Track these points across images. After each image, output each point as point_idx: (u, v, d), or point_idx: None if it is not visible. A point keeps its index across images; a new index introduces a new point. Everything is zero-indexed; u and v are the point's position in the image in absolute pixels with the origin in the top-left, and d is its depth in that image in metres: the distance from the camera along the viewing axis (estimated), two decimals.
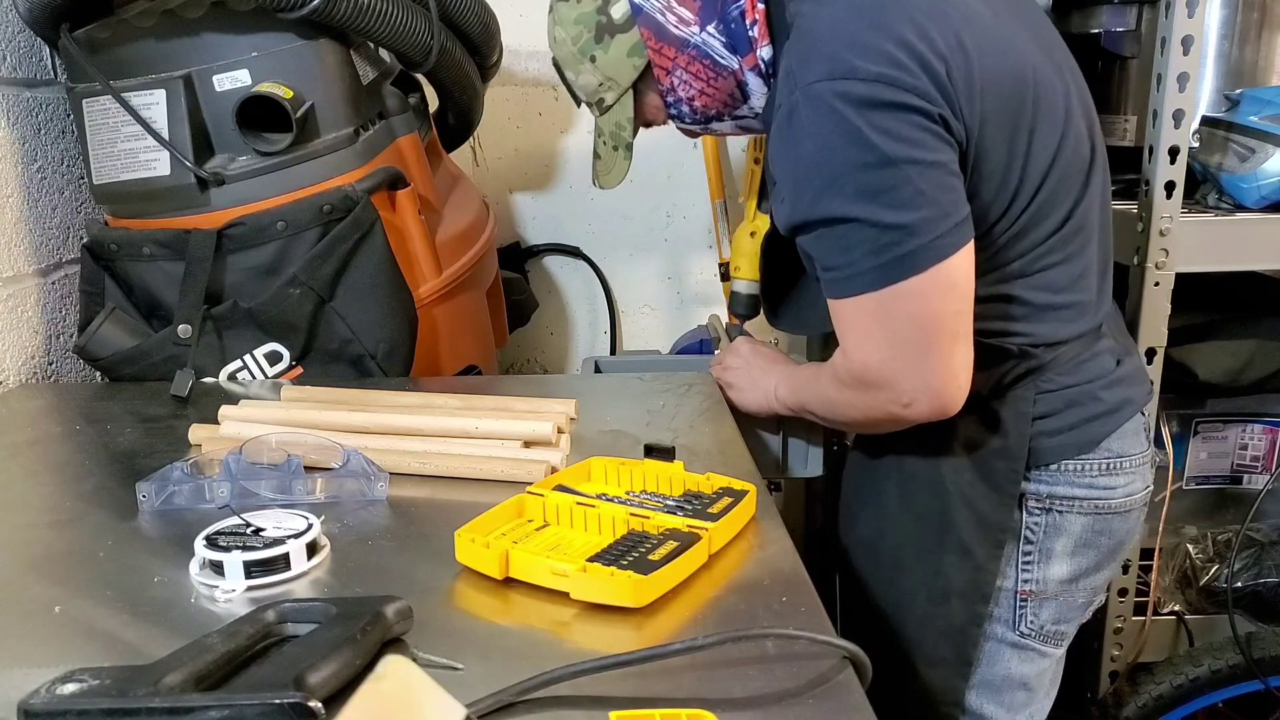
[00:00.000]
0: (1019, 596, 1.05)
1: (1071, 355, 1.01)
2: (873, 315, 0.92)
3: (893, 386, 0.93)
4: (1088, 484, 1.02)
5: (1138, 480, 1.05)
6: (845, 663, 0.59)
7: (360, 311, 1.17)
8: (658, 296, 1.99)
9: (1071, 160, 0.97)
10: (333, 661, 0.54)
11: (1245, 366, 1.42)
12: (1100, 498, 1.02)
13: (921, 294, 0.89)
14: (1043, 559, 1.04)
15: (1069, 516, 1.03)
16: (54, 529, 0.80)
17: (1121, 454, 1.03)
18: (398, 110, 1.30)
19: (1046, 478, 1.02)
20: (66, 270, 1.33)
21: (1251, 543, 1.51)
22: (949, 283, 0.90)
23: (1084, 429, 1.01)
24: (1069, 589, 1.05)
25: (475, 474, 0.88)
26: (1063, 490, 1.02)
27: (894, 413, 0.95)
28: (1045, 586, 1.04)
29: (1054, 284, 0.99)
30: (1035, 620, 1.06)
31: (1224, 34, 1.42)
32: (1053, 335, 0.99)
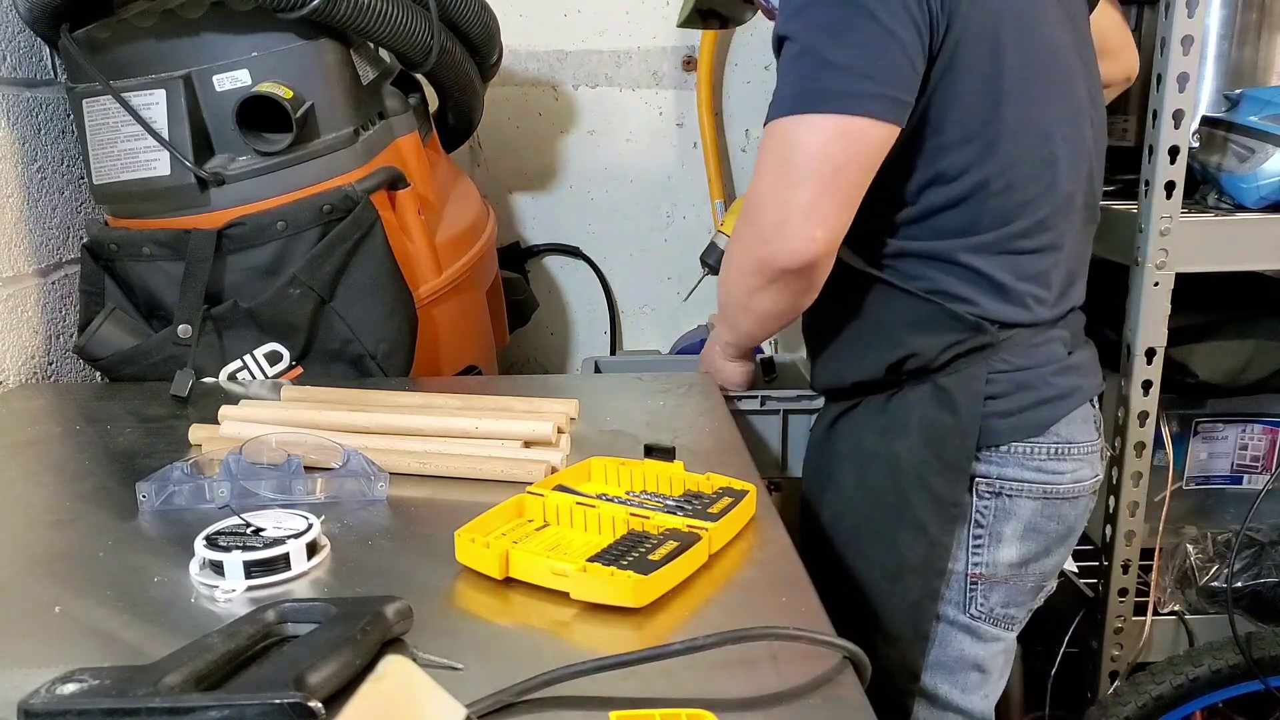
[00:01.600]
0: (969, 579, 1.08)
1: (1023, 340, 1.04)
2: (776, 143, 0.96)
3: (762, 213, 0.97)
4: (1036, 468, 1.04)
5: (1085, 468, 1.08)
6: (845, 663, 0.59)
7: (360, 311, 1.17)
8: (658, 296, 1.99)
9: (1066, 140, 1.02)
10: (333, 661, 0.54)
11: (1245, 366, 1.42)
12: (1049, 482, 1.05)
13: (820, 133, 0.93)
14: (992, 542, 1.07)
15: (1018, 500, 1.05)
16: (54, 529, 0.80)
17: (1070, 440, 1.05)
18: (398, 110, 1.30)
19: (996, 459, 1.05)
20: (66, 270, 1.33)
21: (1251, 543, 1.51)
22: (851, 138, 0.93)
23: (1033, 412, 1.04)
24: (1018, 573, 1.08)
25: (475, 474, 0.88)
26: (1012, 473, 1.05)
27: (758, 253, 0.98)
28: (995, 570, 1.07)
29: (1020, 269, 1.03)
30: (985, 603, 1.08)
31: (1224, 34, 1.42)
32: (1007, 316, 1.03)
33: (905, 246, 1.04)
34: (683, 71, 1.86)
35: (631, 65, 1.86)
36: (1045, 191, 1.02)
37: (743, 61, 1.87)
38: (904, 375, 1.06)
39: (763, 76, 1.87)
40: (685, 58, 1.86)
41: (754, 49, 1.86)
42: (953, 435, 1.03)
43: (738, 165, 1.91)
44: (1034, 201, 1.02)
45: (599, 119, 1.89)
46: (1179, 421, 1.51)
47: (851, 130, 0.93)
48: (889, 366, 1.06)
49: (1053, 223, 1.03)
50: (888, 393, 1.09)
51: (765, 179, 0.98)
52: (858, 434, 1.11)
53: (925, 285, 1.03)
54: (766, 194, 0.98)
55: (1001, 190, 0.99)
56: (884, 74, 0.93)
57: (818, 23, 0.94)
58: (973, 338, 1.03)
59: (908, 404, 1.06)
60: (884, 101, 0.93)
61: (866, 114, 0.93)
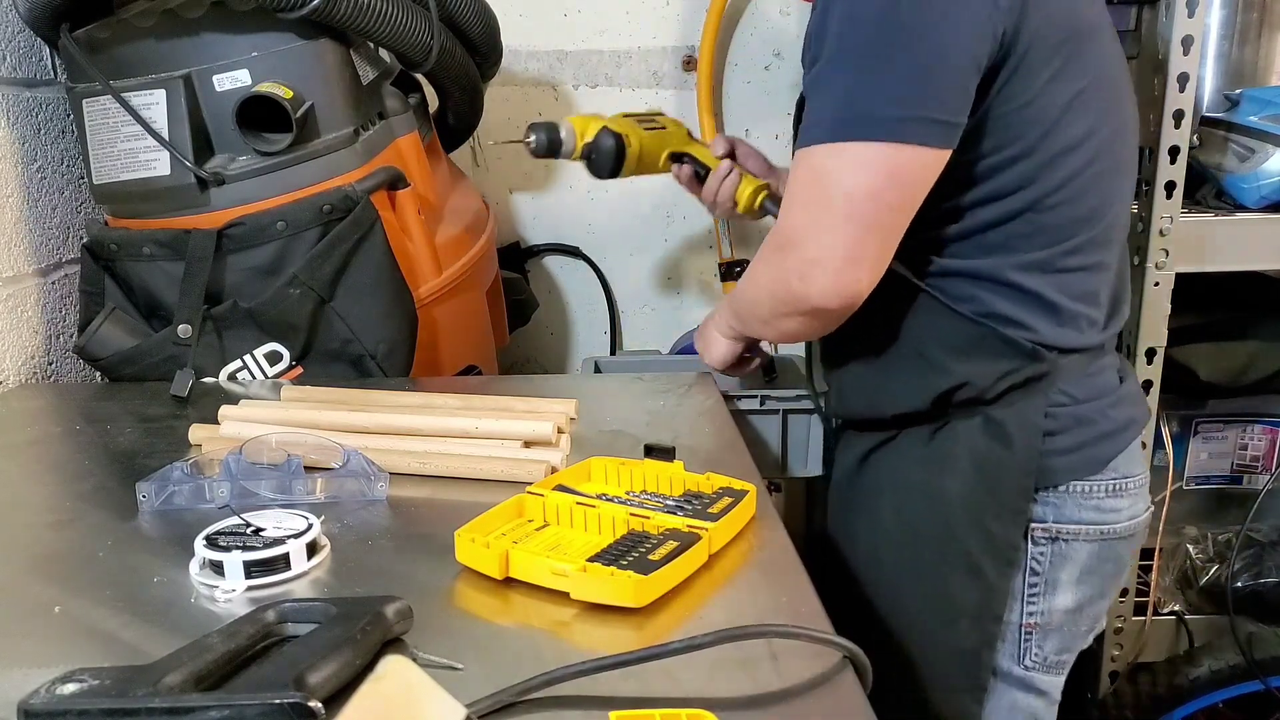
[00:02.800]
0: (1024, 629, 1.02)
1: (1079, 367, 0.98)
2: (812, 173, 0.89)
3: (798, 249, 0.90)
4: (1094, 507, 0.99)
5: (1140, 502, 1.03)
6: (845, 662, 0.59)
7: (360, 311, 1.17)
8: (658, 296, 1.99)
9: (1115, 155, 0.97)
10: (333, 661, 0.54)
11: (1245, 367, 1.42)
12: (1106, 522, 0.99)
13: (866, 169, 0.86)
14: (1048, 590, 1.01)
15: (1075, 544, 0.99)
16: (54, 529, 0.80)
17: (1127, 474, 1.00)
18: (398, 110, 1.30)
19: (1054, 500, 0.98)
20: (66, 270, 1.33)
21: (1252, 543, 1.51)
22: (900, 173, 0.87)
23: (1094, 448, 0.98)
24: (1074, 618, 1.02)
25: (475, 474, 0.88)
26: (1070, 514, 0.99)
27: (793, 287, 0.91)
28: (1050, 618, 1.02)
29: (1072, 289, 0.97)
30: (1040, 652, 1.03)
31: (1224, 34, 1.43)
32: (1063, 340, 0.97)
33: (950, 265, 0.97)
34: (683, 71, 1.86)
35: (631, 65, 1.86)
36: (1099, 207, 0.96)
37: (743, 61, 1.87)
38: (952, 407, 0.99)
39: (763, 76, 1.87)
40: (685, 58, 1.85)
41: (754, 49, 1.86)
42: (1009, 473, 0.97)
43: None
44: (1088, 218, 0.96)
45: None
46: (1179, 422, 1.51)
47: (900, 163, 0.86)
48: (936, 398, 0.99)
49: (1103, 239, 0.98)
50: (932, 426, 1.01)
51: (800, 213, 0.91)
52: (897, 466, 1.03)
53: (974, 307, 0.96)
54: (804, 230, 0.90)
55: (1057, 205, 0.93)
56: (936, 95, 0.85)
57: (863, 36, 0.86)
58: (1028, 366, 0.96)
59: (956, 437, 0.99)
60: (936, 126, 0.86)
61: (918, 140, 0.85)
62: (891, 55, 0.85)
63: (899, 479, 1.03)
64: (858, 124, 0.86)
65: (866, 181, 0.87)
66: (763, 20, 1.85)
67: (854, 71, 0.87)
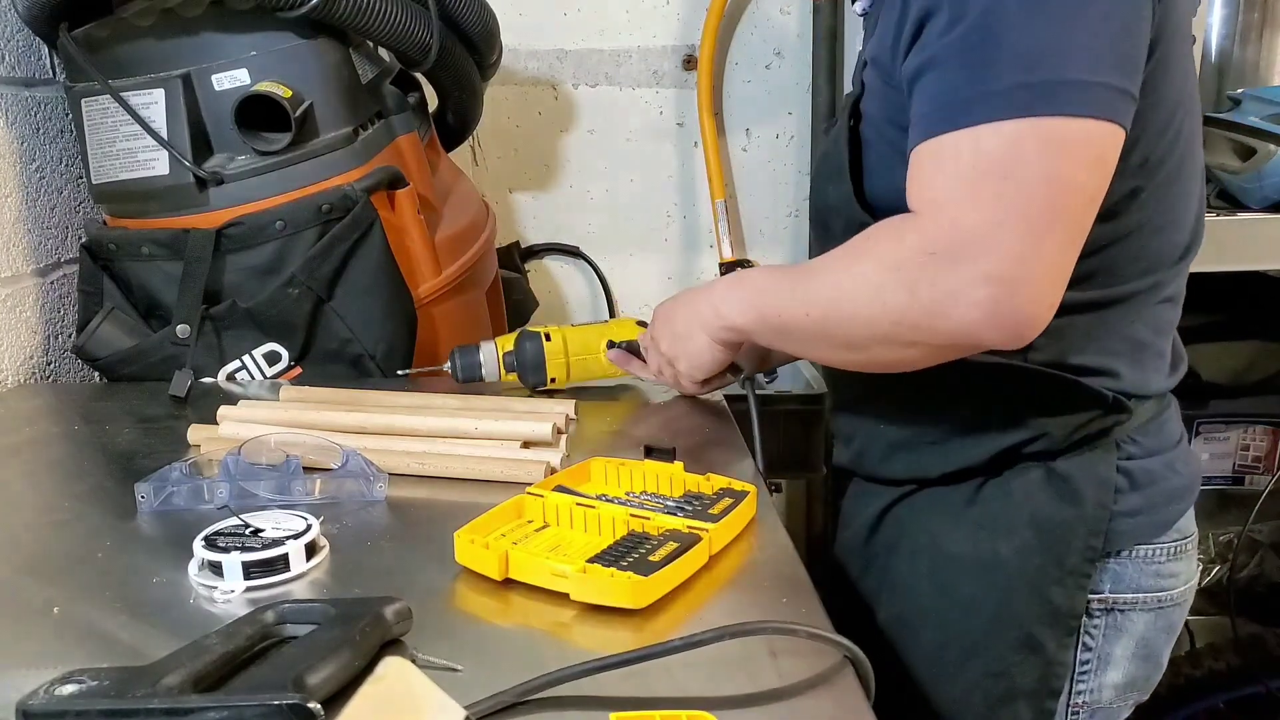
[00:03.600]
0: (1071, 709, 0.91)
1: (1152, 415, 0.87)
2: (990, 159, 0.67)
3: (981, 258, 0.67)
4: (1154, 573, 0.88)
5: (1193, 563, 0.92)
6: (845, 663, 0.59)
7: (359, 311, 1.17)
8: (658, 296, 1.98)
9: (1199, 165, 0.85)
10: (332, 663, 0.53)
11: (1247, 367, 1.42)
12: (1165, 589, 0.89)
13: (1060, 147, 0.66)
14: (1101, 666, 0.90)
15: (1131, 615, 0.89)
16: (52, 529, 0.79)
17: (1187, 534, 0.90)
18: (397, 109, 1.30)
19: (1114, 566, 0.87)
20: (65, 270, 1.32)
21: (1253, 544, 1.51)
22: (1099, 154, 0.68)
23: (1164, 509, 0.88)
24: (1124, 694, 0.92)
25: (474, 475, 0.88)
26: (1129, 582, 0.87)
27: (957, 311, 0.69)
28: (1100, 695, 0.91)
29: (1163, 323, 0.85)
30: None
31: (1225, 34, 1.42)
32: (1145, 386, 0.85)
33: None
34: (683, 71, 1.86)
35: (631, 65, 1.86)
36: (1193, 228, 0.85)
37: (743, 61, 1.87)
38: (1015, 461, 0.87)
39: (763, 75, 1.87)
40: (685, 57, 1.85)
41: (755, 48, 1.86)
42: (1076, 535, 0.84)
43: (738, 165, 1.91)
44: (1181, 244, 0.84)
45: (599, 118, 1.89)
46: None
47: (1100, 143, 0.68)
48: (999, 453, 0.86)
49: (1185, 267, 0.87)
50: (977, 480, 0.88)
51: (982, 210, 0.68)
52: (931, 530, 0.90)
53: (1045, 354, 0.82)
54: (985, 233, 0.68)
55: (1161, 229, 0.80)
56: (1129, 61, 0.69)
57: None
58: (1105, 417, 0.84)
59: (1010, 495, 0.86)
60: (1127, 100, 0.69)
61: (1117, 116, 0.68)
62: (1083, 5, 0.67)
63: (935, 545, 0.90)
64: (1054, 96, 0.67)
65: (1068, 170, 0.67)
66: (763, 19, 1.85)
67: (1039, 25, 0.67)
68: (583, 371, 1.10)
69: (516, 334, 1.10)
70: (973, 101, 0.69)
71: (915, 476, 0.92)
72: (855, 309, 0.76)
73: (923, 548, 0.91)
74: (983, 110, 0.68)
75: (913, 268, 0.71)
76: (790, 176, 1.91)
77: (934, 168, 0.71)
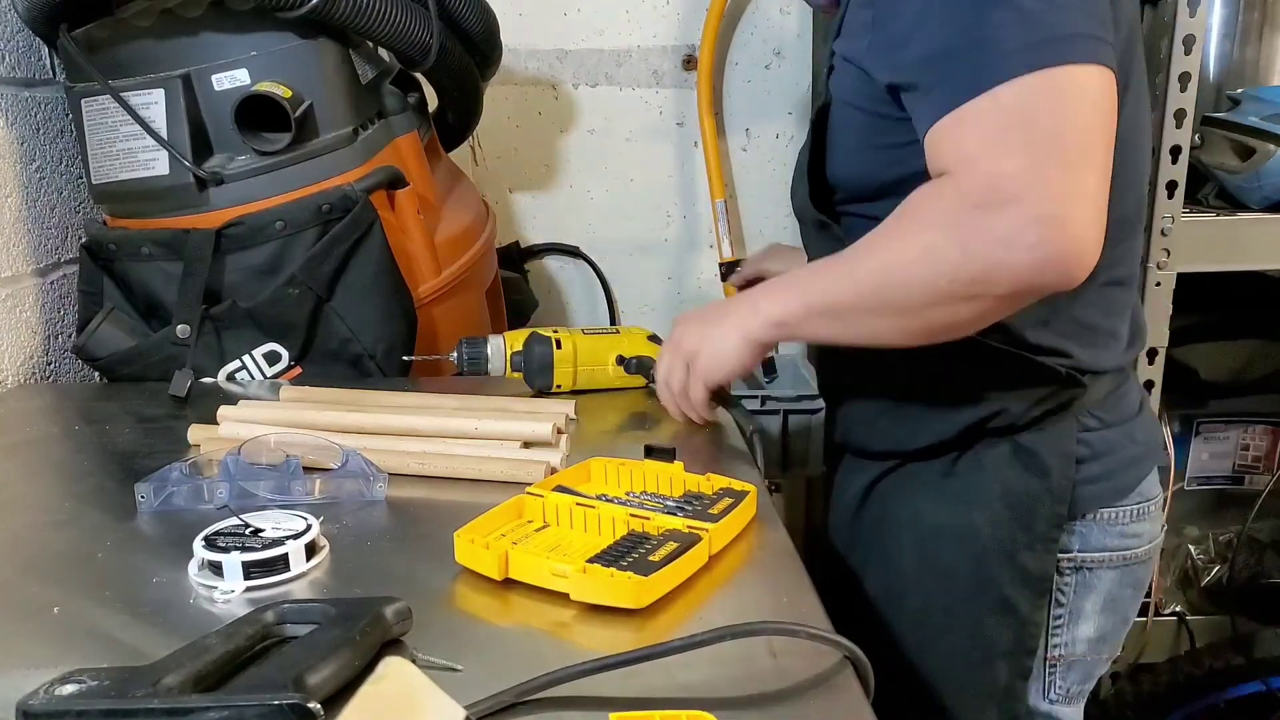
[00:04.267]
0: (1048, 662, 0.98)
1: (1109, 389, 0.93)
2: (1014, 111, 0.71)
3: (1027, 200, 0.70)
4: (1119, 533, 0.95)
5: (1158, 523, 0.99)
6: (845, 663, 0.59)
7: (359, 311, 1.17)
8: (658, 296, 1.99)
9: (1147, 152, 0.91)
10: (332, 662, 0.54)
11: (1247, 367, 1.42)
12: (1129, 547, 0.95)
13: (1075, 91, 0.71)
14: (1072, 621, 0.97)
15: (1099, 573, 0.95)
16: (52, 529, 0.79)
17: (1149, 497, 0.96)
18: (397, 109, 1.30)
19: (1080, 529, 0.93)
20: (65, 270, 1.32)
21: (1253, 543, 1.51)
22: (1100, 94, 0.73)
23: (1122, 475, 0.94)
24: (1096, 647, 0.99)
25: (474, 475, 0.88)
26: (1095, 542, 0.94)
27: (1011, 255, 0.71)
28: (1074, 649, 0.98)
29: (1113, 305, 0.91)
30: (1063, 684, 1.00)
31: (1225, 33, 1.42)
32: (1097, 362, 0.91)
33: None
34: (683, 71, 1.86)
35: (631, 65, 1.86)
36: (1138, 209, 0.91)
37: (743, 61, 1.87)
38: (982, 435, 0.93)
39: (763, 76, 1.87)
40: (685, 57, 1.85)
41: (754, 49, 1.86)
42: (1042, 504, 0.91)
43: (738, 165, 1.91)
44: (1131, 222, 0.89)
45: (599, 118, 1.89)
46: (1181, 422, 1.51)
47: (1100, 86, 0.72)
48: (966, 428, 0.92)
49: (1137, 246, 0.92)
50: (952, 455, 0.95)
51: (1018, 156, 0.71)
52: (913, 503, 0.96)
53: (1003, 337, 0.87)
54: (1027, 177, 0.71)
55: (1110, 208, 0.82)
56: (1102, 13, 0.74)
57: None
58: (1062, 393, 0.90)
59: (982, 469, 0.92)
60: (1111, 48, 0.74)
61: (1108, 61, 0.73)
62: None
63: (917, 517, 0.96)
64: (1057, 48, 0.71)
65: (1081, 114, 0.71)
66: (763, 19, 1.85)
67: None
68: (589, 381, 1.10)
69: (527, 334, 1.10)
70: (984, 68, 0.73)
71: (893, 450, 0.98)
72: (908, 274, 0.77)
73: (906, 520, 0.97)
74: (995, 73, 0.72)
75: (960, 223, 0.73)
76: (790, 176, 1.91)
77: (959, 132, 0.74)
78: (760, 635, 0.60)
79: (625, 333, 1.13)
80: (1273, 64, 1.44)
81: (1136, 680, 1.47)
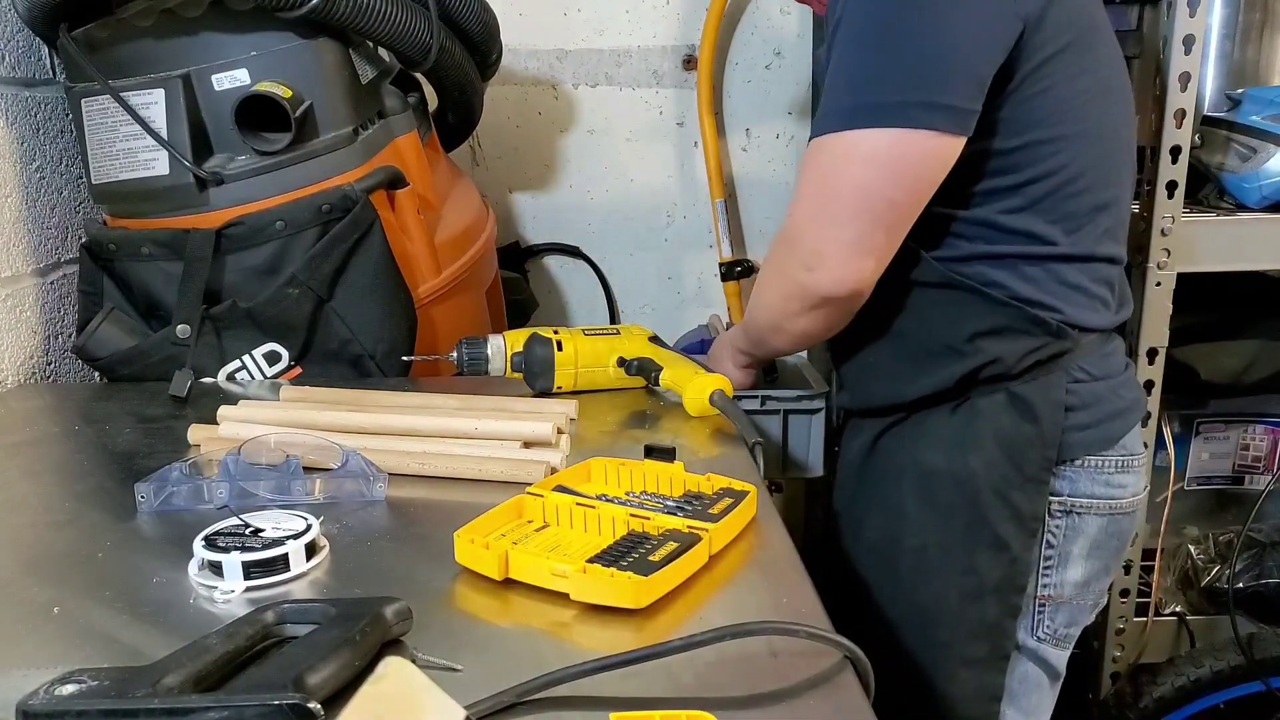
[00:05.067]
0: (1037, 601, 1.04)
1: (1095, 348, 1.01)
2: (820, 166, 0.91)
3: (804, 241, 0.93)
4: (1104, 482, 1.02)
5: (1142, 480, 1.07)
6: (845, 662, 0.59)
7: (359, 311, 1.17)
8: (658, 296, 1.99)
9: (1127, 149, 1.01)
10: (332, 662, 0.53)
11: (1247, 367, 1.42)
12: (1115, 497, 1.02)
13: (871, 157, 0.87)
14: (1061, 563, 1.03)
15: (1086, 518, 1.02)
16: (52, 529, 0.79)
17: (1133, 452, 1.04)
18: (397, 109, 1.30)
19: (1070, 474, 1.01)
20: (65, 270, 1.32)
21: (1253, 543, 1.51)
22: (904, 158, 0.87)
23: (1108, 425, 1.01)
24: (1082, 591, 1.05)
25: (475, 475, 0.88)
26: (1084, 488, 1.01)
27: (799, 279, 0.94)
28: (1062, 590, 1.04)
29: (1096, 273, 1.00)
30: (1051, 624, 1.06)
31: (1225, 33, 1.43)
32: (1085, 320, 0.99)
33: (978, 250, 0.98)
34: (683, 71, 1.86)
35: (631, 65, 1.86)
36: (1119, 196, 1.00)
37: (743, 61, 1.87)
38: (977, 384, 1.01)
39: (763, 76, 1.87)
40: (685, 57, 1.85)
41: (754, 49, 1.86)
42: (1033, 447, 0.99)
43: (738, 165, 1.91)
44: (1108, 206, 0.99)
45: (599, 119, 1.89)
46: (1181, 422, 1.51)
47: (909, 150, 0.87)
48: (962, 376, 1.00)
49: (1118, 232, 1.02)
50: (951, 404, 1.03)
51: (806, 205, 0.93)
52: (914, 451, 1.04)
53: (1003, 291, 0.98)
54: (810, 224, 0.93)
55: (1080, 192, 0.96)
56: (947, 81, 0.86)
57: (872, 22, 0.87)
58: (1054, 343, 0.98)
59: (978, 415, 1.00)
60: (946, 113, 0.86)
61: (926, 126, 0.86)
62: (900, 42, 0.86)
63: (918, 461, 1.04)
64: (865, 112, 0.87)
65: (874, 174, 0.88)
66: (763, 19, 1.85)
67: (861, 58, 0.88)
68: (589, 382, 1.11)
69: (528, 335, 1.10)
70: (821, 117, 0.91)
71: (895, 403, 1.06)
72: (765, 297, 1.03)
73: (907, 467, 1.05)
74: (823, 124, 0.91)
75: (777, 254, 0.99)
76: (790, 176, 1.91)
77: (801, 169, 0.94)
78: (760, 635, 0.60)
79: (626, 333, 1.13)
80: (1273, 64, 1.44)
81: (1136, 680, 1.47)
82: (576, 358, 1.09)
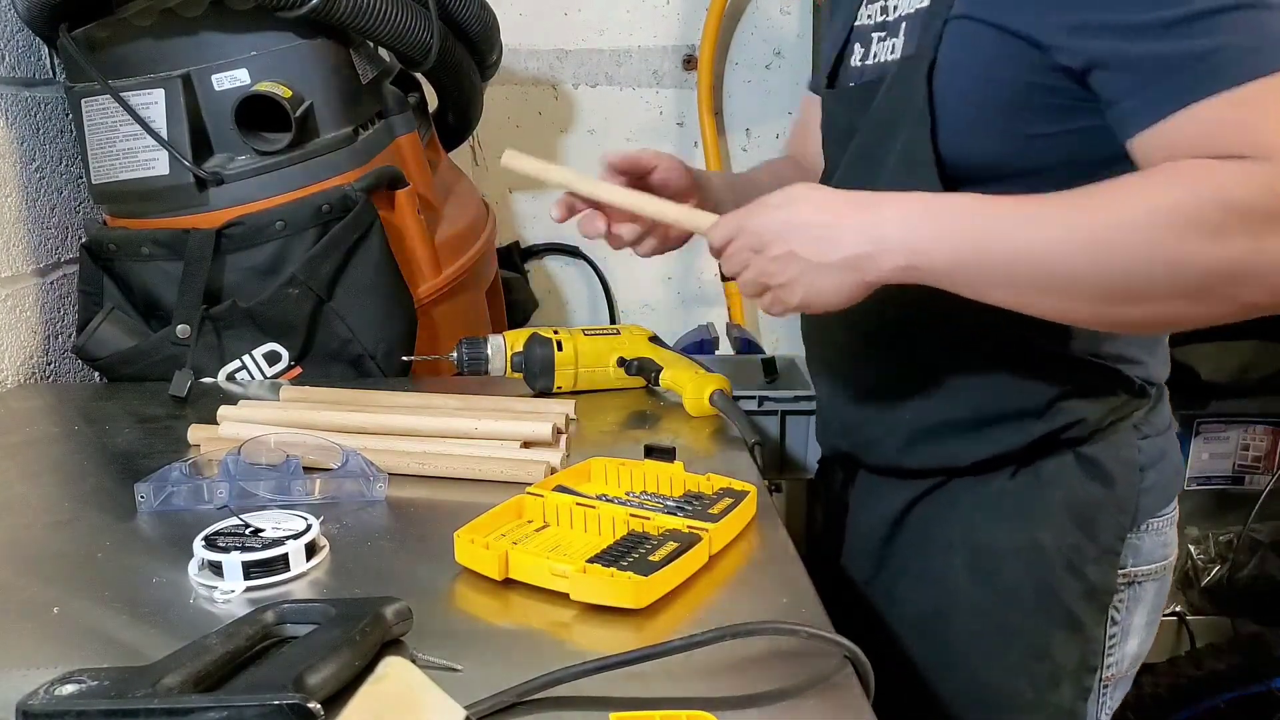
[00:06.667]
0: (1101, 684, 0.93)
1: (1156, 399, 0.90)
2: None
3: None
4: (1161, 542, 0.91)
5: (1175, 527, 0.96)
6: (845, 662, 0.59)
7: (359, 311, 1.17)
8: (658, 296, 1.99)
9: None
10: (332, 663, 0.53)
11: (1247, 367, 1.42)
12: (1167, 556, 0.92)
13: None
14: (1123, 638, 0.92)
15: (1146, 585, 0.91)
16: (52, 529, 0.79)
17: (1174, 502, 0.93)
18: (397, 109, 1.30)
19: (1134, 539, 0.89)
20: (65, 270, 1.32)
21: (1253, 543, 1.51)
22: None
23: (1171, 482, 0.92)
24: (1135, 664, 0.95)
25: (474, 475, 0.88)
26: (1145, 554, 0.90)
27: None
28: (1122, 666, 0.94)
29: None
30: (1110, 704, 0.95)
31: None
32: (1158, 373, 0.89)
33: None
34: (683, 71, 1.86)
35: (631, 64, 1.86)
36: None
37: (743, 61, 1.87)
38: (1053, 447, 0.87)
39: (763, 75, 1.87)
40: (685, 57, 1.85)
41: (755, 48, 1.86)
42: (1107, 513, 0.86)
43: (738, 165, 1.91)
44: None
45: (599, 118, 1.89)
46: (1181, 422, 1.50)
47: None
48: (1038, 439, 0.86)
49: None
50: (1009, 469, 0.88)
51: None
52: (965, 523, 0.89)
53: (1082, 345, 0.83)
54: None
55: None
56: None
57: None
58: (1129, 403, 0.86)
59: (1045, 482, 0.87)
60: None
61: None
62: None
63: (973, 534, 0.89)
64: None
65: None
66: (763, 19, 1.85)
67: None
68: (589, 382, 1.10)
69: (528, 335, 1.10)
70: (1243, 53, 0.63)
71: (944, 466, 0.90)
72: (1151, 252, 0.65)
73: (958, 541, 0.90)
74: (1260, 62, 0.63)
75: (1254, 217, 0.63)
76: None
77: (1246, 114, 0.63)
78: (760, 635, 0.60)
79: (626, 333, 1.13)
80: None
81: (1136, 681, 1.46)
82: (576, 358, 1.09)
